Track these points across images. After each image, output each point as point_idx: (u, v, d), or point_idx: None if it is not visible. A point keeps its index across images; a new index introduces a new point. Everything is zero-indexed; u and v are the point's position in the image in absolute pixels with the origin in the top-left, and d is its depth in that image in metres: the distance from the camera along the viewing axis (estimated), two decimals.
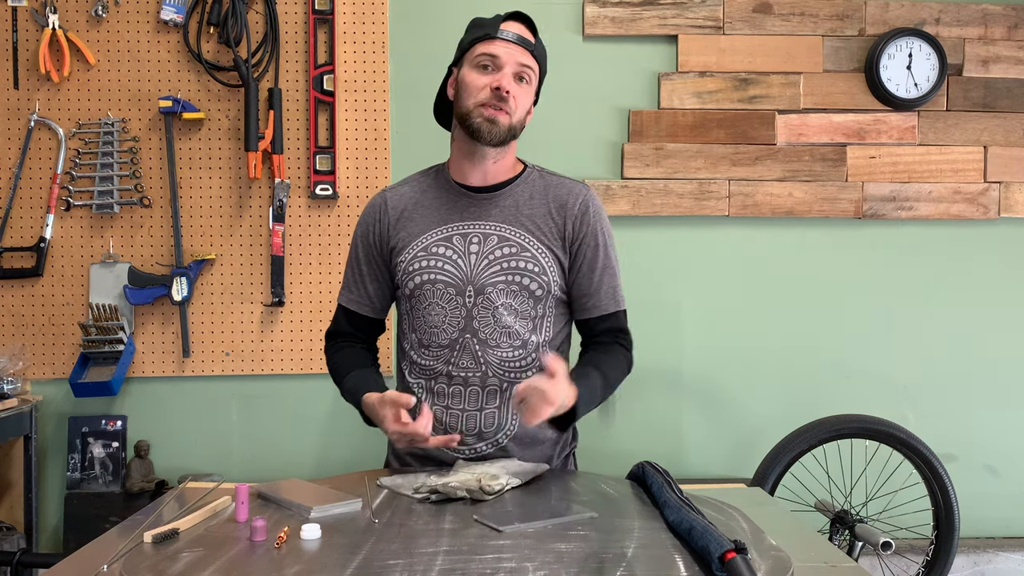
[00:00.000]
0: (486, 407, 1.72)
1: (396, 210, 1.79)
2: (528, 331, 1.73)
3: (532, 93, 1.74)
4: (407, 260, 1.75)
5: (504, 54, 1.67)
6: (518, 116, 1.70)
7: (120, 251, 2.96)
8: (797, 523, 1.55)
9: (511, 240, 1.72)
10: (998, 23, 3.11)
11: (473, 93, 1.69)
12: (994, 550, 3.04)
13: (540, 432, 1.75)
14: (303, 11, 2.97)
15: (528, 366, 1.73)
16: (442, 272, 1.72)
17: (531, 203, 1.76)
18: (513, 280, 1.70)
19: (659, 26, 3.04)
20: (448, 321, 1.72)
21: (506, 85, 1.66)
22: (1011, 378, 3.15)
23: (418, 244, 1.75)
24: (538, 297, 1.72)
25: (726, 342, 3.09)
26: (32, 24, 2.92)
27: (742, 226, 3.08)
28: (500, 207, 1.75)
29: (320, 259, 2.99)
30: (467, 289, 1.71)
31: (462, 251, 1.72)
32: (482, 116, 1.68)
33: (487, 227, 1.74)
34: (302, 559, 1.19)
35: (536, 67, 1.72)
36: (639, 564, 1.17)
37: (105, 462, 2.92)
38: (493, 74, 1.68)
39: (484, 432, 1.72)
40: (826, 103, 3.07)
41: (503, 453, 1.73)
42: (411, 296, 1.75)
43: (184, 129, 2.96)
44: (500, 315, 1.70)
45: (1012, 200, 3.11)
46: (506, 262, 1.71)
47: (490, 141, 1.69)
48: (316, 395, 3.01)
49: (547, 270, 1.72)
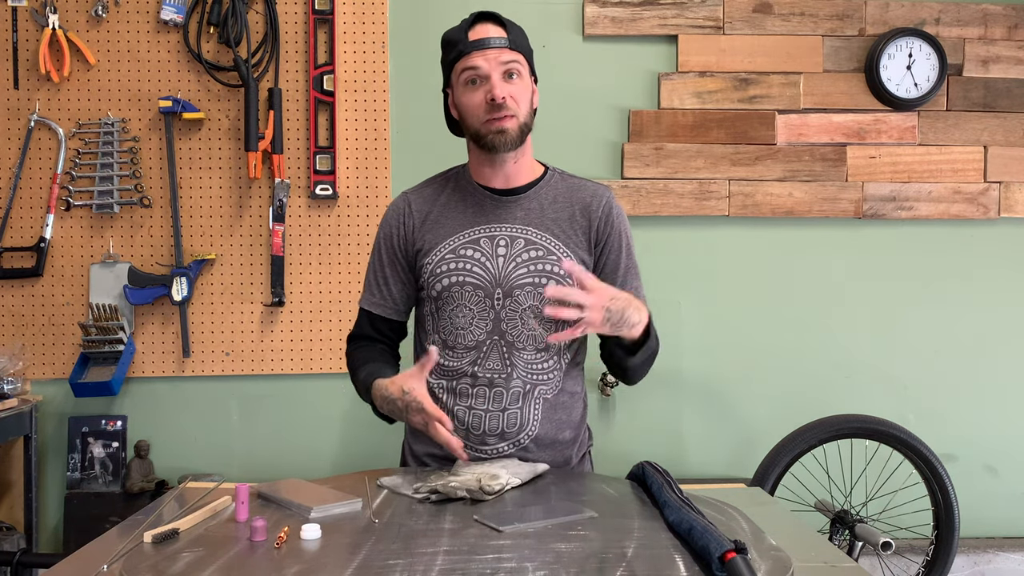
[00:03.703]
0: (509, 408, 1.72)
1: (421, 212, 1.79)
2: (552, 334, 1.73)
3: (527, 80, 1.73)
4: (434, 262, 1.74)
5: (484, 63, 1.66)
6: (523, 112, 1.70)
7: (120, 251, 2.96)
8: (797, 523, 1.55)
9: (537, 243, 1.73)
10: (998, 23, 3.11)
11: (473, 113, 1.69)
12: (994, 550, 3.04)
13: (557, 433, 1.76)
14: (303, 11, 2.97)
15: (549, 369, 1.74)
16: (470, 274, 1.72)
17: (555, 206, 1.76)
18: (540, 283, 1.70)
19: (659, 26, 3.04)
20: (476, 323, 1.72)
21: (499, 94, 1.65)
22: (1011, 378, 3.15)
23: (446, 246, 1.74)
24: (564, 302, 1.72)
25: (726, 342, 3.09)
26: (32, 24, 2.92)
27: (742, 226, 3.08)
28: (525, 210, 1.75)
29: (320, 259, 2.99)
30: (496, 292, 1.71)
31: (490, 253, 1.72)
32: (490, 131, 1.68)
33: (514, 230, 1.74)
34: (302, 559, 1.19)
35: (520, 56, 1.70)
36: (639, 564, 1.17)
37: (105, 462, 2.92)
38: (483, 86, 1.67)
39: (506, 432, 1.72)
40: (826, 103, 3.07)
41: (525, 453, 1.73)
42: (438, 298, 1.74)
43: (184, 129, 2.96)
44: (527, 318, 1.71)
45: (1012, 200, 3.11)
46: (533, 265, 1.71)
47: (507, 148, 1.70)
48: (316, 395, 3.01)
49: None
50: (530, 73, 1.74)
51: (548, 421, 1.74)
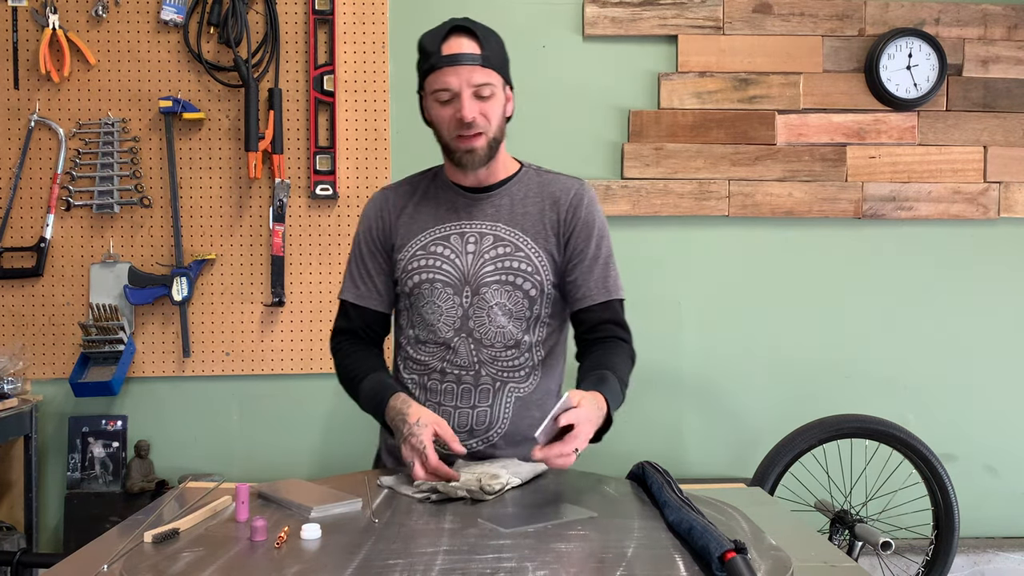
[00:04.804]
0: (479, 405, 1.73)
1: (397, 208, 1.80)
2: (521, 331, 1.74)
3: (500, 97, 1.70)
4: (407, 258, 1.76)
5: (456, 82, 1.64)
6: (494, 128, 1.69)
7: (120, 251, 2.96)
8: (797, 523, 1.55)
9: (506, 240, 1.73)
10: (998, 23, 3.11)
11: (443, 127, 1.69)
12: (994, 550, 3.04)
13: (529, 430, 1.74)
14: (303, 11, 2.97)
15: (520, 367, 1.75)
16: (440, 271, 1.73)
17: (526, 202, 1.77)
18: (507, 280, 1.71)
19: (659, 26, 3.04)
20: (444, 320, 1.73)
21: (468, 115, 1.64)
22: (1011, 378, 3.15)
23: (417, 242, 1.76)
24: (532, 297, 1.73)
25: (726, 342, 3.09)
26: (32, 24, 2.92)
27: (742, 226, 3.08)
28: (496, 206, 1.76)
29: (320, 259, 2.99)
30: (464, 289, 1.72)
31: (460, 250, 1.73)
32: (460, 149, 1.69)
33: (484, 226, 1.74)
34: (302, 559, 1.19)
35: (493, 75, 1.66)
36: (639, 564, 1.17)
37: (105, 462, 2.92)
38: (453, 104, 1.66)
39: (475, 429, 1.73)
40: (826, 103, 3.07)
41: (494, 450, 1.74)
42: (410, 293, 1.76)
43: (184, 129, 2.96)
44: (495, 315, 1.71)
45: (1012, 200, 3.11)
46: (501, 262, 1.72)
47: (476, 167, 1.71)
48: (316, 395, 3.01)
49: (540, 270, 1.73)
50: (504, 83, 1.71)
51: (520, 419, 1.75)
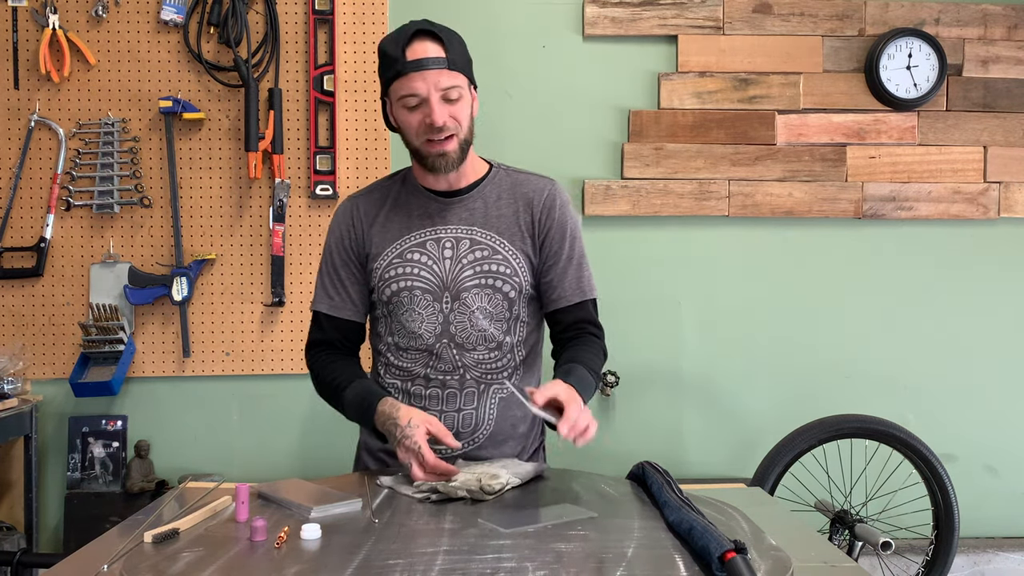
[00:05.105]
0: (464, 408, 1.74)
1: (370, 216, 1.78)
2: (503, 333, 1.74)
3: (467, 98, 1.69)
4: (383, 267, 1.74)
5: (423, 87, 1.62)
6: (463, 131, 1.68)
7: (120, 251, 2.96)
8: (797, 523, 1.55)
9: (482, 243, 1.73)
10: (998, 23, 3.11)
11: (412, 132, 1.67)
12: (994, 550, 3.04)
13: (512, 429, 1.78)
14: (303, 11, 2.97)
15: (503, 367, 1.75)
16: (419, 279, 1.72)
17: (499, 203, 1.76)
18: (486, 283, 1.71)
19: (659, 26, 3.04)
20: (425, 327, 1.72)
21: (438, 119, 1.62)
22: (1011, 378, 3.15)
23: (393, 250, 1.74)
24: (511, 299, 1.73)
25: (726, 342, 3.09)
26: (32, 24, 2.92)
27: (742, 226, 3.08)
28: (470, 210, 1.75)
29: (320, 259, 2.99)
30: (444, 295, 1.71)
31: (437, 256, 1.73)
32: (432, 153, 1.67)
33: (459, 231, 1.74)
34: (302, 559, 1.19)
35: (459, 77, 1.65)
36: (639, 564, 1.17)
37: (105, 462, 2.92)
38: (422, 109, 1.64)
39: (461, 432, 1.73)
40: (826, 103, 3.07)
41: (479, 451, 1.75)
42: (388, 302, 1.75)
43: (184, 129, 2.96)
44: (476, 319, 1.71)
45: (1012, 200, 3.11)
46: (479, 265, 1.71)
47: (448, 170, 1.70)
48: (316, 395, 3.00)
49: (518, 271, 1.73)
50: (470, 84, 1.70)
51: (504, 418, 1.76)
